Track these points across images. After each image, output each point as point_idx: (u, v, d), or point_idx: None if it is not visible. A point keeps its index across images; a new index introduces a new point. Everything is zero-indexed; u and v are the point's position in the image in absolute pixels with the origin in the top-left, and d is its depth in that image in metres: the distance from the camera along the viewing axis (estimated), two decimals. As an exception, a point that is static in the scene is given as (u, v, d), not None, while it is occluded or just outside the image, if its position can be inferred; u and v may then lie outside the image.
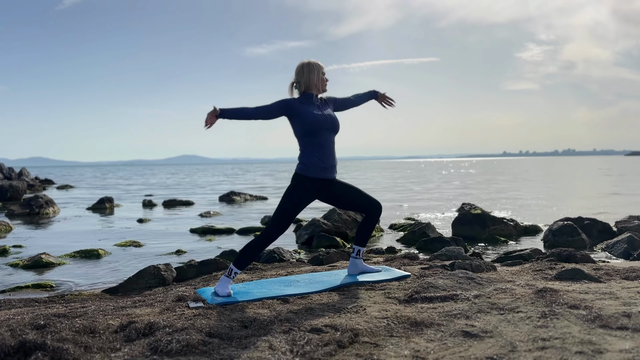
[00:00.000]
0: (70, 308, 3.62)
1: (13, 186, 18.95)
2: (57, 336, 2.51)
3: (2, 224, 10.02)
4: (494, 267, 4.59)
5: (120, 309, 3.47)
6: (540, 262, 4.84)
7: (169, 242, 8.01)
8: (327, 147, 3.70)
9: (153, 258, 6.65)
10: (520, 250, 5.65)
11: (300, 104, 3.70)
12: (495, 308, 2.91)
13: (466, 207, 11.53)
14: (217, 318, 3.00)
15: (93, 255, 6.95)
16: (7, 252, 7.30)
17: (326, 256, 5.34)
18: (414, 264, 4.61)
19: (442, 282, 3.48)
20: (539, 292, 3.09)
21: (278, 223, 3.63)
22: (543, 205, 13.25)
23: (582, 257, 4.87)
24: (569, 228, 6.81)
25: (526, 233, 8.06)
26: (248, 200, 16.58)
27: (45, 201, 13.68)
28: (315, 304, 3.28)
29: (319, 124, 3.64)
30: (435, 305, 3.09)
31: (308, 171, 3.66)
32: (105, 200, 14.71)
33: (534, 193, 17.93)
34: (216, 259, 5.22)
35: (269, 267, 5.26)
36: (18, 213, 13.01)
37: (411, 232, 7.39)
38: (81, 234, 9.20)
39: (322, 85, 3.77)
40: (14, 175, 35.01)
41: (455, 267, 4.27)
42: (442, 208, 13.07)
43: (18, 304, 4.06)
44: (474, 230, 7.64)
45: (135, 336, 2.68)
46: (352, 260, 4.09)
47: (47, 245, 7.88)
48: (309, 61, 3.77)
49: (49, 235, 9.30)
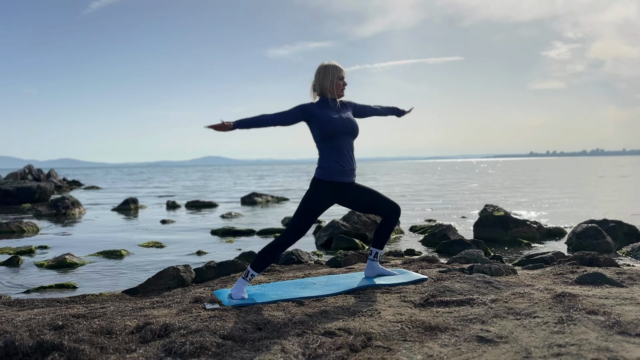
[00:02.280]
0: (90, 308, 3.68)
1: (41, 187, 19.36)
2: (74, 337, 2.55)
3: (29, 224, 10.26)
4: (514, 271, 4.52)
5: (139, 309, 3.52)
6: (562, 265, 4.76)
7: (190, 243, 8.10)
8: (346, 151, 3.69)
9: (174, 259, 6.73)
10: (542, 254, 5.55)
11: (319, 108, 3.69)
12: (511, 313, 2.86)
13: (489, 208, 11.38)
14: (232, 320, 3.02)
15: (116, 255, 7.07)
16: (32, 253, 7.47)
17: (344, 258, 5.33)
18: (432, 267, 4.57)
19: (459, 286, 3.44)
20: (557, 297, 3.04)
21: (296, 227, 3.62)
22: (569, 207, 13.02)
23: (605, 260, 4.77)
24: (593, 230, 6.67)
25: (550, 235, 7.92)
26: (270, 202, 16.65)
27: (72, 202, 13.95)
28: (330, 307, 3.28)
29: (337, 127, 3.63)
30: (451, 310, 3.05)
31: (327, 175, 3.65)
32: (130, 201, 14.93)
33: (561, 194, 17.62)
34: (234, 261, 5.25)
35: (286, 268, 5.27)
36: (45, 214, 13.29)
37: (431, 234, 7.33)
38: (105, 235, 9.36)
39: (337, 90, 3.73)
40: (42, 177, 35.79)
41: (474, 270, 4.22)
42: (465, 210, 12.94)
43: (40, 304, 4.14)
44: (496, 232, 7.54)
45: (150, 337, 2.71)
46: (370, 262, 4.07)
47: (71, 246, 8.04)
48: (326, 65, 3.75)
49: (74, 235, 9.48)
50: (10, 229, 9.91)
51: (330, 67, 3.74)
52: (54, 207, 13.53)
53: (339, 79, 3.74)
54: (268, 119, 3.62)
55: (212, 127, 3.51)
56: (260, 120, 3.61)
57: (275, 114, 3.64)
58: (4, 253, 7.41)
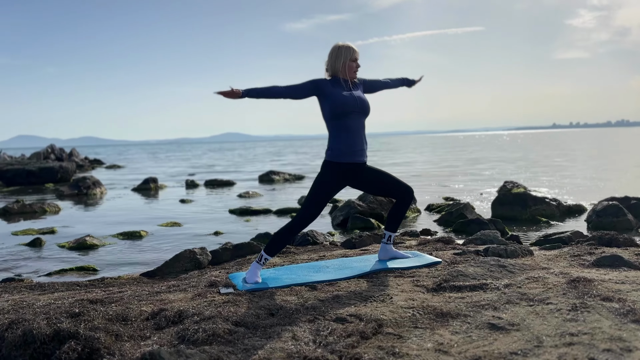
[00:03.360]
0: (108, 292, 3.76)
1: (63, 167, 19.68)
2: (89, 325, 2.60)
3: (51, 205, 10.46)
4: (531, 252, 4.47)
5: (155, 294, 3.57)
6: (580, 246, 4.69)
7: (209, 223, 8.18)
8: (357, 130, 3.65)
9: (192, 239, 6.81)
10: (560, 233, 5.48)
11: (330, 85, 3.65)
12: (524, 299, 2.84)
13: (508, 185, 11.25)
14: (245, 305, 3.05)
15: (135, 236, 7.18)
16: (55, 233, 7.63)
17: (359, 240, 5.33)
18: (446, 249, 4.54)
19: (473, 270, 3.42)
20: (571, 282, 3.00)
21: (309, 211, 3.62)
22: (591, 182, 12.81)
23: (624, 240, 4.69)
24: (614, 208, 6.56)
25: (570, 213, 7.82)
26: (287, 180, 16.70)
27: (93, 182, 14.17)
28: (343, 292, 3.28)
29: (348, 105, 3.58)
30: (464, 295, 3.04)
31: (337, 157, 3.62)
32: (150, 180, 15.10)
33: (583, 169, 17.33)
34: (250, 243, 5.29)
35: (301, 250, 5.30)
36: (67, 194, 13.53)
37: (448, 213, 7.29)
38: (125, 215, 9.50)
39: (349, 72, 3.68)
40: (64, 156, 36.38)
41: (489, 252, 4.18)
42: (483, 186, 12.81)
43: (61, 287, 4.24)
44: (514, 210, 7.46)
45: (165, 324, 2.75)
46: (383, 245, 4.06)
47: (92, 227, 8.19)
48: (339, 46, 3.70)
49: (95, 216, 9.65)
50: (34, 209, 10.12)
51: (344, 48, 3.69)
52: (76, 187, 13.75)
53: (351, 60, 3.69)
54: (279, 90, 3.59)
55: (221, 93, 3.50)
56: (271, 91, 3.58)
57: (286, 86, 3.61)
58: (28, 234, 7.59)
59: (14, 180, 18.90)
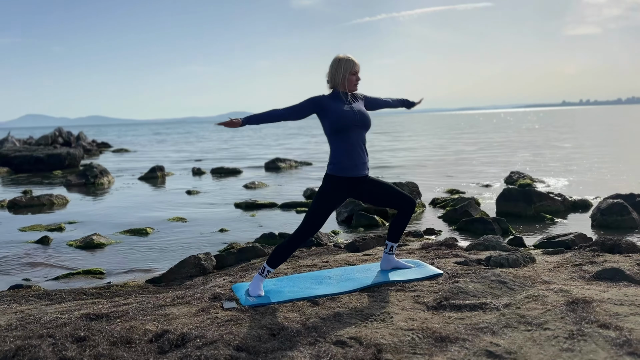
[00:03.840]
0: (114, 304, 3.82)
1: (70, 154, 19.79)
2: (94, 351, 2.66)
3: (59, 197, 10.55)
4: (533, 259, 4.49)
5: (159, 307, 3.62)
6: (582, 251, 4.70)
7: (214, 218, 8.24)
8: (358, 144, 3.66)
9: (197, 237, 6.88)
10: (564, 235, 5.49)
11: (330, 100, 3.65)
12: (523, 322, 2.86)
13: (514, 175, 11.24)
14: (248, 324, 3.09)
15: (141, 233, 7.25)
16: (62, 230, 7.72)
17: (362, 242, 5.37)
18: (449, 257, 4.57)
19: (473, 286, 3.45)
20: (570, 305, 3.02)
21: (311, 224, 3.65)
22: (598, 170, 12.73)
23: (627, 246, 4.69)
24: (618, 207, 6.54)
25: (575, 208, 7.80)
26: (293, 167, 16.72)
27: (100, 171, 14.25)
28: (344, 308, 3.32)
29: (348, 119, 3.59)
30: (463, 315, 3.07)
31: (339, 171, 3.64)
32: (157, 169, 15.18)
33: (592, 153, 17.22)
34: (254, 246, 5.34)
35: (305, 252, 5.34)
36: (75, 183, 13.63)
37: (453, 210, 7.29)
38: (132, 208, 9.58)
39: (349, 86, 3.68)
40: (72, 139, 36.55)
41: (491, 262, 4.21)
42: (489, 175, 12.77)
43: (68, 296, 4.31)
44: (519, 206, 7.46)
45: (167, 347, 2.81)
46: (385, 255, 4.09)
47: (99, 222, 8.27)
48: (339, 58, 3.69)
49: (102, 208, 9.74)
50: (41, 202, 10.22)
51: (344, 61, 3.68)
52: (83, 177, 13.84)
53: (351, 74, 3.68)
54: (279, 114, 3.62)
55: (222, 124, 3.52)
56: (271, 115, 3.61)
57: (285, 108, 3.63)
58: (36, 230, 7.68)
59: (21, 167, 19.06)
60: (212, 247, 6.40)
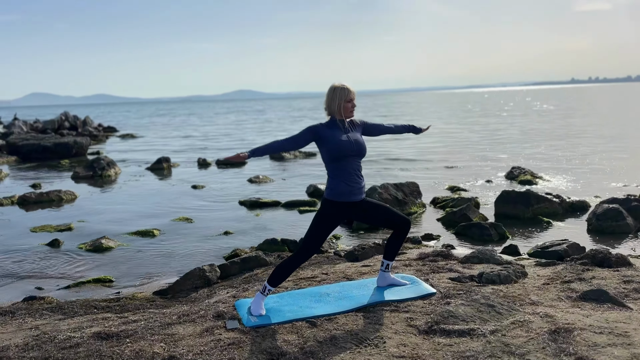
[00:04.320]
0: (123, 320, 4.04)
1: (77, 142, 20.02)
2: (106, 381, 2.87)
3: (68, 192, 10.79)
4: (525, 273, 4.67)
5: (166, 326, 3.82)
6: (573, 265, 4.87)
7: (219, 218, 8.45)
8: (353, 171, 3.83)
9: (202, 241, 7.09)
10: (558, 244, 5.65)
11: (327, 129, 3.81)
12: (506, 352, 3.05)
13: (515, 171, 11.36)
14: (249, 349, 3.30)
15: (149, 235, 7.47)
16: (72, 229, 7.95)
17: (361, 252, 5.55)
18: (443, 271, 4.75)
19: (463, 310, 3.63)
20: (552, 334, 3.20)
21: (310, 245, 3.84)
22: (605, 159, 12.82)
23: (617, 260, 4.85)
24: (613, 212, 6.69)
25: (572, 210, 7.94)
26: (298, 157, 16.88)
27: (107, 162, 14.47)
28: (340, 331, 3.51)
29: (344, 150, 3.75)
30: (452, 342, 3.26)
31: (335, 196, 3.81)
32: (163, 160, 15.39)
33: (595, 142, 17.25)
34: (257, 256, 5.54)
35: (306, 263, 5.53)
36: (82, 176, 13.87)
37: (451, 213, 7.46)
38: (139, 206, 9.80)
39: (344, 113, 3.83)
40: (78, 123, 36.79)
41: (483, 278, 4.39)
42: (492, 171, 12.88)
43: (79, 310, 4.53)
44: (517, 209, 7.61)
45: (174, 375, 3.02)
46: (381, 273, 4.28)
47: (107, 220, 8.51)
48: (335, 87, 3.84)
49: (110, 204, 9.97)
50: (50, 197, 10.46)
51: (339, 89, 3.82)
52: (91, 169, 14.07)
53: (346, 101, 3.83)
54: (280, 145, 3.78)
55: (229, 158, 3.68)
56: (273, 147, 3.77)
57: (285, 139, 3.80)
58: (46, 231, 7.92)
59: (29, 156, 19.32)
60: (218, 251, 6.62)
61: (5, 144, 20.77)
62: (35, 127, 33.82)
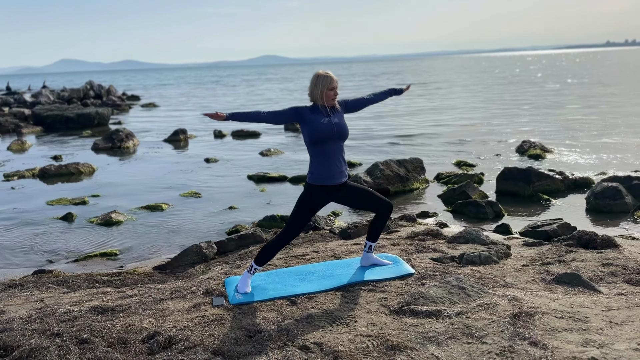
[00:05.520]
0: (121, 295, 4.33)
1: (99, 113, 20.46)
2: (92, 355, 3.15)
3: (86, 166, 11.17)
4: (507, 254, 4.81)
5: (159, 301, 4.08)
6: (558, 246, 4.97)
7: (227, 191, 8.72)
8: (335, 155, 3.96)
9: (207, 216, 7.36)
10: (549, 224, 5.74)
11: (310, 112, 3.93)
12: (466, 334, 3.22)
13: (526, 145, 11.30)
14: (229, 325, 3.54)
15: (157, 209, 7.78)
16: (86, 203, 8.31)
17: (354, 230, 5.73)
18: (427, 251, 4.90)
19: (434, 292, 3.80)
20: (513, 317, 3.35)
21: (294, 226, 4.03)
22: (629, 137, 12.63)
23: (602, 241, 4.92)
24: (611, 191, 6.70)
25: (575, 187, 7.94)
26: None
27: (126, 134, 14.84)
28: (317, 309, 3.72)
29: (326, 133, 3.88)
30: (418, 322, 3.44)
31: (317, 180, 3.97)
32: (180, 132, 15.69)
33: (626, 111, 16.90)
34: (253, 232, 5.77)
35: (300, 240, 5.74)
36: (102, 147, 14.28)
37: (451, 190, 7.55)
38: (152, 178, 10.13)
39: (326, 100, 3.93)
40: (103, 92, 37.39)
41: (464, 259, 4.55)
42: (505, 145, 12.81)
43: (82, 284, 4.84)
44: (518, 186, 7.65)
45: (156, 349, 3.28)
46: (365, 254, 4.46)
47: (120, 194, 8.85)
48: (318, 74, 3.95)
49: (125, 178, 10.31)
50: (69, 170, 10.86)
51: (322, 77, 3.93)
52: (110, 141, 14.46)
53: (329, 89, 3.93)
54: (261, 116, 3.90)
55: (207, 115, 3.85)
56: (253, 116, 3.89)
57: (268, 112, 3.92)
58: (62, 204, 8.30)
59: (54, 126, 19.87)
60: (221, 226, 6.88)
61: (31, 114, 21.35)
62: (62, 97, 34.49)
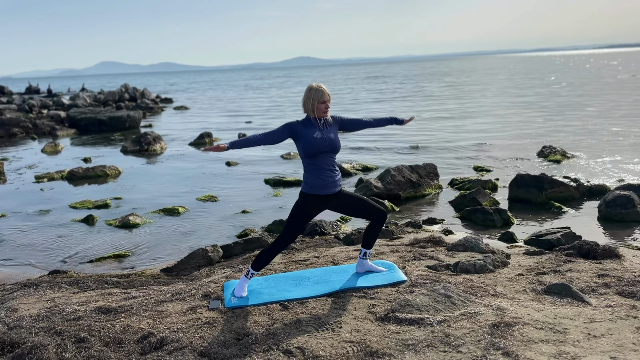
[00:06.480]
0: (126, 296, 4.54)
1: (131, 116, 21.07)
2: (87, 353, 3.36)
3: (112, 168, 11.57)
4: (505, 263, 4.84)
5: (159, 303, 4.29)
6: (558, 255, 4.97)
7: (243, 195, 8.93)
8: (327, 166, 4.09)
9: (220, 220, 7.57)
10: (553, 232, 5.72)
11: (303, 126, 4.06)
12: (444, 342, 3.30)
13: (546, 150, 11.17)
14: (220, 328, 3.70)
15: (174, 213, 8.04)
16: (108, 206, 8.64)
17: (358, 236, 5.83)
18: (424, 259, 4.97)
19: (420, 300, 3.88)
20: (493, 327, 3.41)
21: (289, 233, 4.17)
22: None
23: (603, 252, 4.90)
24: (623, 199, 6.60)
25: (590, 194, 7.84)
26: (336, 132, 17.14)
27: (154, 138, 15.26)
28: (306, 315, 3.85)
29: (318, 147, 4.01)
30: (400, 330, 3.53)
31: (310, 190, 4.10)
32: (205, 135, 16.05)
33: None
34: (259, 238, 5.93)
35: (305, 243, 5.87)
36: (130, 150, 14.73)
37: (461, 197, 7.56)
38: (173, 182, 10.43)
39: (318, 113, 4.06)
40: (137, 94, 38.35)
41: (458, 268, 4.60)
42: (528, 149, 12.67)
43: (92, 285, 5.08)
44: (530, 192, 7.60)
45: (148, 349, 3.46)
46: (360, 260, 4.56)
47: (141, 198, 9.15)
48: (310, 88, 4.08)
49: (148, 181, 10.64)
50: (96, 173, 11.27)
51: (314, 90, 4.05)
52: (138, 144, 14.91)
53: (320, 102, 4.05)
54: (258, 139, 4.06)
55: (208, 149, 4.02)
56: (251, 141, 4.05)
57: (262, 134, 4.06)
58: (85, 207, 8.65)
59: (87, 129, 20.56)
60: (232, 230, 7.08)
61: (66, 117, 22.12)
62: (98, 99, 35.54)
